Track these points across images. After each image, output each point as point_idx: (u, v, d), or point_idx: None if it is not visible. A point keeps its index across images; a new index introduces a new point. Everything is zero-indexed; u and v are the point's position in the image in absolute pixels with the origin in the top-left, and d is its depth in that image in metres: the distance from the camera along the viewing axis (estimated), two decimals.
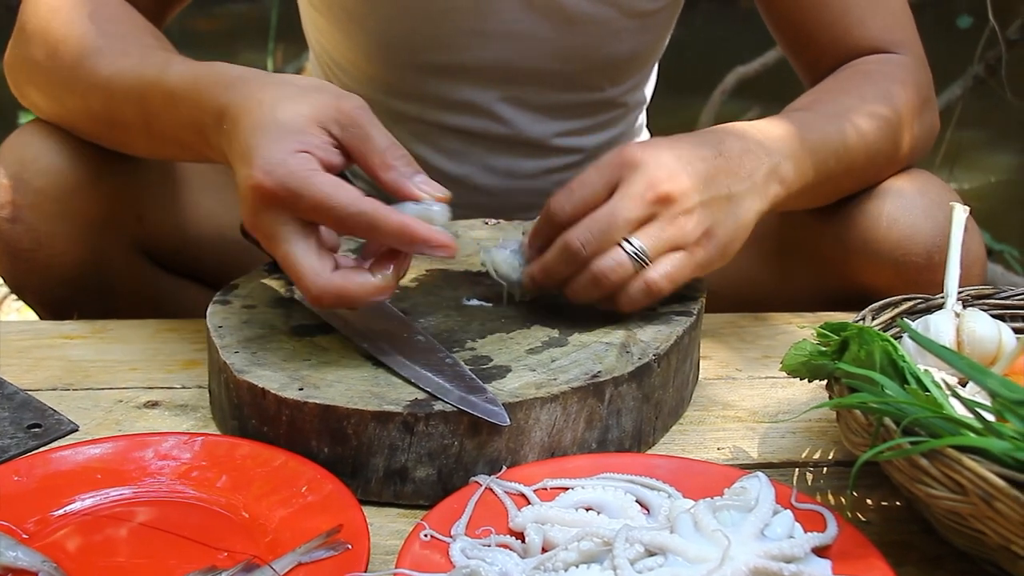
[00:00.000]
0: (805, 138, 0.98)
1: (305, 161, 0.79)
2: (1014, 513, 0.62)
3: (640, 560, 0.67)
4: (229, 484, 0.77)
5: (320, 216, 0.80)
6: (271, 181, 0.79)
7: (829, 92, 1.09)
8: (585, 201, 0.87)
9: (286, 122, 0.81)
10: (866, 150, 1.04)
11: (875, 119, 1.04)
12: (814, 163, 0.98)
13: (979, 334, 0.83)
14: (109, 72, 0.98)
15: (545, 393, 0.79)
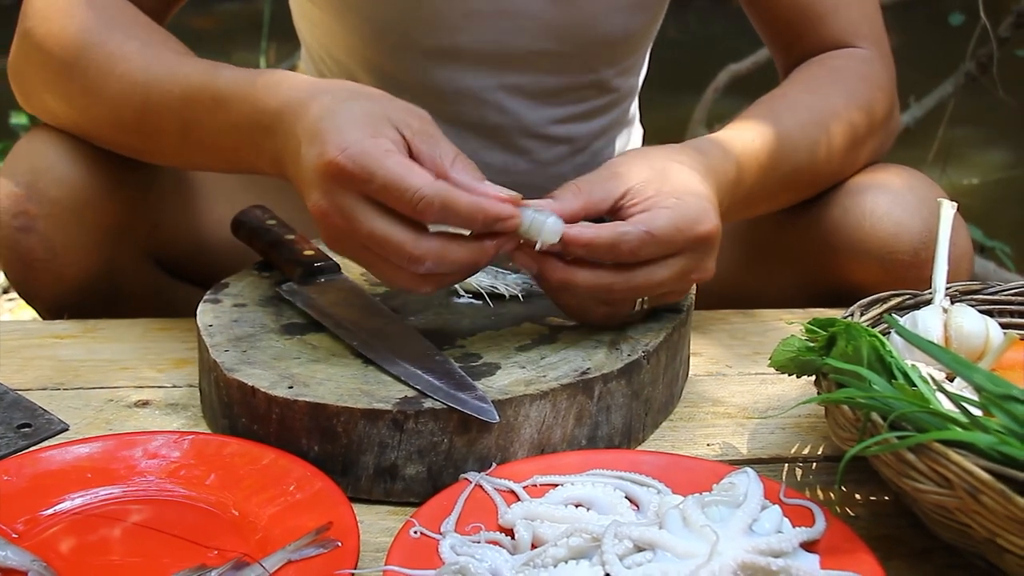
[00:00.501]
0: (754, 145, 0.99)
1: (382, 143, 0.79)
2: (999, 506, 0.63)
3: (629, 556, 0.68)
4: (218, 482, 0.77)
5: (393, 197, 0.78)
6: (346, 158, 0.78)
7: (786, 94, 1.10)
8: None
9: (360, 113, 0.81)
10: (819, 153, 1.05)
11: (833, 120, 1.06)
12: (761, 170, 1.00)
13: (967, 329, 0.84)
14: (145, 79, 0.96)
15: (534, 390, 0.79)
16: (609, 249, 0.82)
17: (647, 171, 0.87)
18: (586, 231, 0.82)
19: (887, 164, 1.15)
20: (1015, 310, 0.92)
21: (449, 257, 0.80)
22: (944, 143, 3.13)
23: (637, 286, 0.84)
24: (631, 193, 0.85)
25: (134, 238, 1.11)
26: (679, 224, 0.83)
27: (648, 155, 0.90)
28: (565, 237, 0.82)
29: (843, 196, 1.09)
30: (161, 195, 1.12)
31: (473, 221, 0.79)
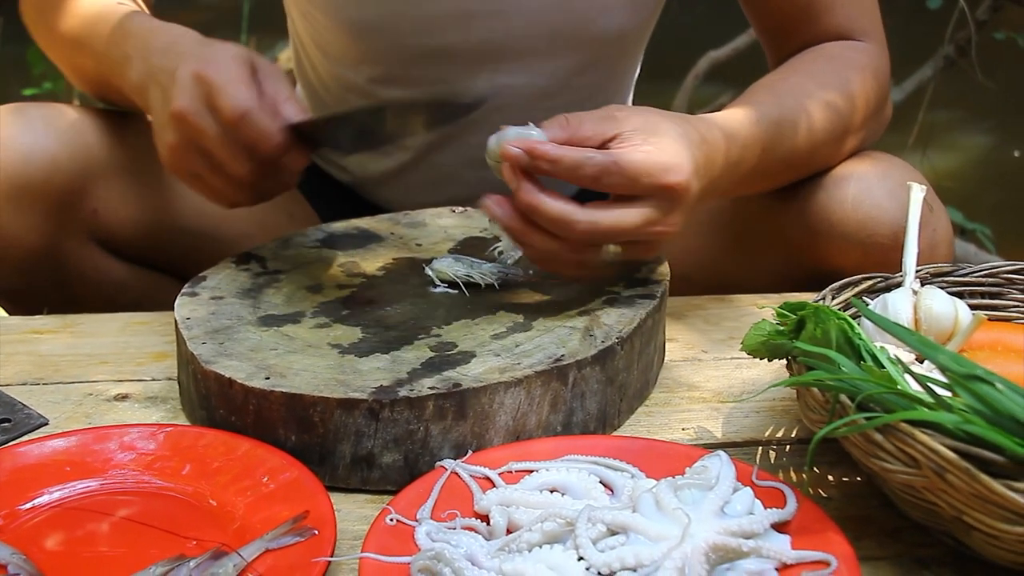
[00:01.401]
0: (759, 127, 1.00)
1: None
2: (965, 485, 0.64)
3: (602, 539, 0.69)
4: (195, 473, 0.78)
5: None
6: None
7: (787, 78, 1.11)
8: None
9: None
10: (815, 136, 1.06)
11: (829, 107, 1.07)
12: (764, 150, 1.00)
13: (936, 311, 0.85)
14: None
15: (509, 377, 0.80)
16: (572, 169, 0.85)
17: (640, 121, 0.88)
18: (555, 148, 0.85)
19: (867, 151, 1.16)
20: (985, 291, 0.93)
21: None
22: (924, 126, 3.14)
23: (599, 224, 0.85)
24: (621, 137, 0.87)
25: (77, 220, 1.13)
26: (648, 167, 0.85)
27: (646, 110, 0.91)
28: (533, 149, 0.85)
29: (824, 181, 1.10)
30: (103, 178, 1.13)
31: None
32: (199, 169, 0.95)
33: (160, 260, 1.20)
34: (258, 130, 0.91)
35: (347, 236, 1.09)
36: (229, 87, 0.91)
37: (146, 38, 1.03)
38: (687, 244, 1.19)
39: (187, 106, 0.91)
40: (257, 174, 0.94)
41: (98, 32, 1.09)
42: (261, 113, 0.91)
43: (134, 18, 1.07)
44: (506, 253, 0.99)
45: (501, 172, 0.87)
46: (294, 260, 1.03)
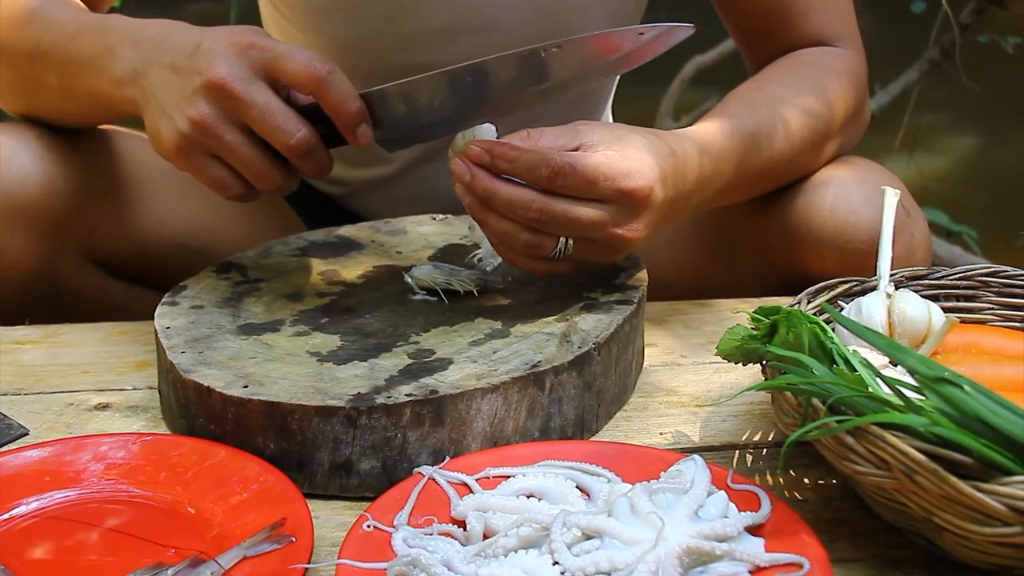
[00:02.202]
0: (732, 139, 1.01)
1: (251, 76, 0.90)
2: (934, 486, 0.64)
3: (577, 544, 0.69)
4: (173, 481, 0.78)
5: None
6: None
7: (762, 87, 1.11)
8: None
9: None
10: (792, 145, 1.07)
11: (806, 115, 1.08)
12: (739, 163, 1.01)
13: (909, 315, 0.85)
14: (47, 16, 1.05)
15: (486, 384, 0.81)
16: (529, 168, 0.85)
17: (605, 133, 0.90)
18: (513, 147, 0.86)
19: (846, 156, 1.17)
20: (960, 294, 0.94)
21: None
22: (910, 130, 3.15)
23: (555, 213, 0.86)
24: (583, 147, 0.88)
25: (73, 241, 1.12)
26: (606, 171, 0.86)
27: (614, 125, 0.93)
28: (493, 149, 0.86)
29: (802, 187, 1.11)
30: (98, 198, 1.12)
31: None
32: (225, 148, 0.89)
33: (156, 278, 1.20)
34: (344, 90, 0.89)
35: (328, 244, 1.09)
36: (298, 52, 0.88)
37: (132, 30, 0.98)
38: (667, 250, 1.20)
39: (229, 73, 0.87)
40: (312, 143, 0.89)
41: (58, 35, 1.03)
42: (343, 75, 0.89)
43: (109, 17, 1.03)
44: (485, 260, 1.00)
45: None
46: (274, 269, 1.03)
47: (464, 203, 0.89)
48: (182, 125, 0.89)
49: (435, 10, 1.18)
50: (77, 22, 1.03)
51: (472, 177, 0.87)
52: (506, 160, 0.86)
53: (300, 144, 0.89)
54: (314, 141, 0.90)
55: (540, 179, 0.86)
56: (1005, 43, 3.19)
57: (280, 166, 0.91)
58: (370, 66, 1.21)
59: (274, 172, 0.91)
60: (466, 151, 0.87)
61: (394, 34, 1.19)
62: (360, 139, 0.91)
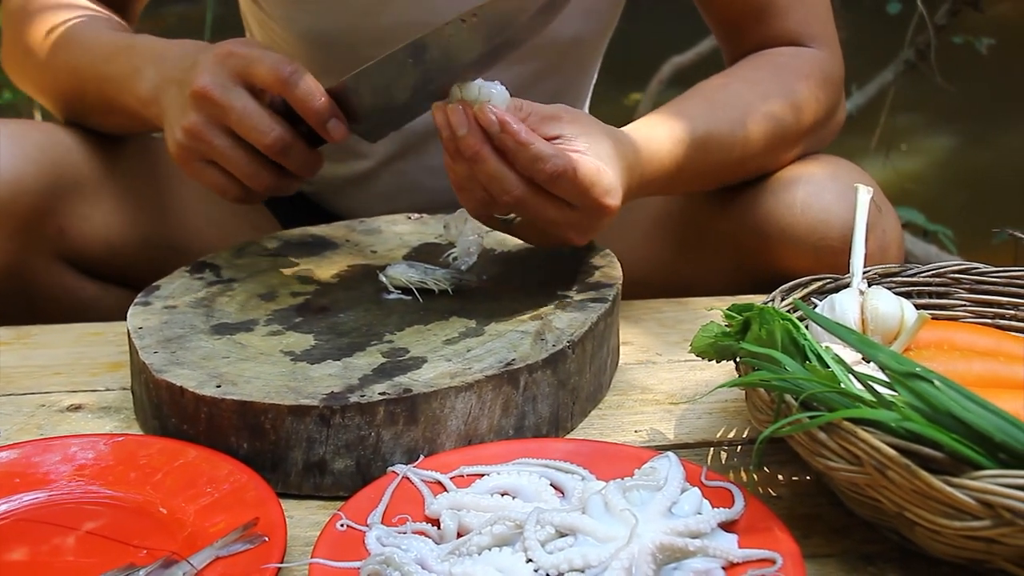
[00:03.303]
0: (682, 146, 1.02)
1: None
2: (905, 481, 0.65)
3: (551, 541, 0.69)
4: (144, 482, 0.78)
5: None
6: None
7: (728, 85, 1.12)
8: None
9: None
10: (747, 149, 1.08)
11: (767, 118, 1.08)
12: (681, 169, 1.03)
13: (882, 311, 0.86)
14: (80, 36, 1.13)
15: (460, 382, 0.81)
16: (532, 159, 0.86)
17: (581, 129, 0.91)
18: (527, 132, 0.87)
19: (817, 154, 1.17)
20: (932, 291, 0.95)
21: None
22: (886, 130, 3.17)
23: (528, 205, 0.88)
24: (564, 138, 0.89)
25: (43, 240, 1.11)
26: (595, 182, 0.88)
27: (587, 119, 0.94)
28: (507, 126, 0.86)
29: (774, 185, 1.11)
30: (68, 197, 1.12)
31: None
32: (216, 153, 0.94)
33: (129, 277, 1.19)
34: (306, 88, 0.92)
35: (302, 244, 1.09)
36: (266, 56, 0.93)
37: (158, 49, 1.04)
38: (641, 249, 1.20)
39: (211, 82, 0.92)
40: (288, 142, 0.93)
41: (95, 57, 1.10)
42: (307, 74, 0.93)
43: (139, 36, 1.10)
44: (460, 259, 0.99)
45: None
46: (248, 268, 1.03)
47: (440, 136, 0.89)
48: (178, 134, 0.95)
49: (410, 4, 1.18)
50: (110, 44, 1.10)
51: (468, 133, 0.87)
52: (515, 141, 0.86)
53: (276, 143, 0.92)
54: (289, 139, 0.93)
55: (537, 173, 0.87)
56: (979, 44, 3.21)
57: (268, 166, 0.95)
58: (345, 60, 1.20)
59: (262, 172, 0.95)
60: (480, 111, 0.86)
61: (369, 28, 1.19)
62: (332, 134, 0.95)
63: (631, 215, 1.22)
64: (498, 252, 1.05)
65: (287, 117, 0.94)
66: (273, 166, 0.95)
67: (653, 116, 1.04)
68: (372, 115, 0.96)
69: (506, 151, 0.87)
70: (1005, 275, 0.94)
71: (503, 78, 1.24)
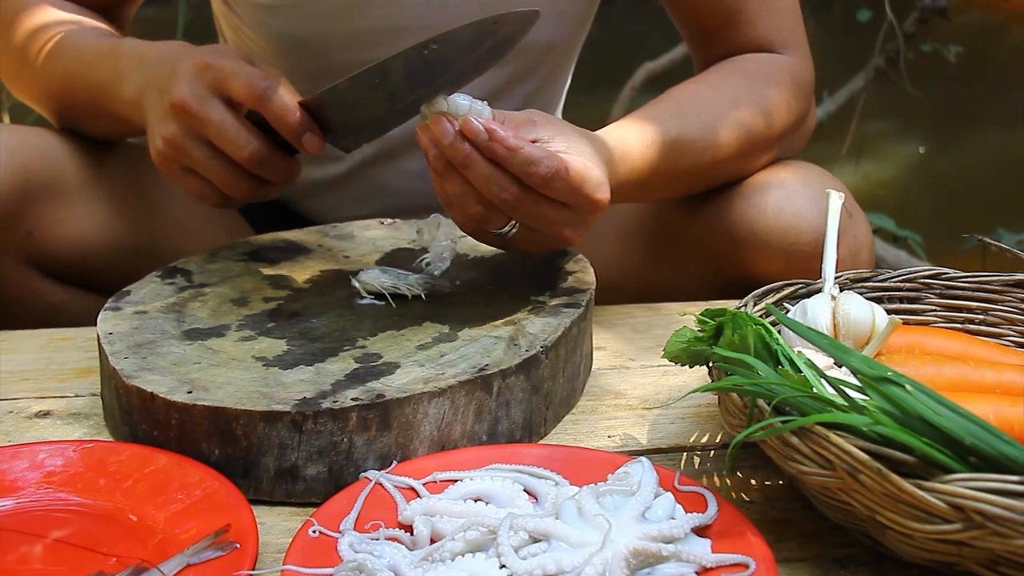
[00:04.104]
0: (651, 150, 1.03)
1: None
2: (876, 485, 0.65)
3: (524, 547, 0.69)
4: (114, 489, 0.77)
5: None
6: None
7: (698, 92, 1.12)
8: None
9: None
10: (717, 155, 1.09)
11: (737, 125, 1.09)
12: (654, 172, 1.03)
13: (853, 316, 0.86)
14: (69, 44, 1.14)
15: (432, 388, 0.80)
16: (524, 163, 0.86)
17: (557, 131, 0.91)
18: (515, 137, 0.87)
19: (788, 160, 1.18)
20: (903, 296, 0.95)
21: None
22: (857, 137, 3.20)
23: (525, 203, 0.88)
24: (541, 141, 0.89)
25: (11, 243, 1.11)
26: (587, 179, 0.89)
27: (560, 123, 0.94)
28: (494, 133, 0.86)
29: (746, 190, 1.12)
30: (37, 200, 1.11)
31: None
32: (195, 162, 0.96)
33: (98, 281, 1.18)
34: (281, 103, 0.93)
35: (274, 248, 1.08)
36: (242, 69, 0.94)
37: (141, 52, 1.05)
38: (614, 254, 1.21)
39: (188, 94, 0.94)
40: (263, 154, 0.95)
41: (83, 64, 1.11)
42: (282, 88, 0.94)
43: (124, 40, 1.11)
44: (433, 264, 0.99)
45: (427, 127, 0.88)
46: (220, 273, 1.02)
47: (427, 156, 0.88)
48: (159, 143, 0.97)
49: (383, 9, 1.18)
50: (96, 50, 1.11)
51: (456, 140, 0.87)
52: (505, 147, 0.86)
53: (252, 156, 0.94)
54: (266, 152, 0.95)
55: (530, 177, 0.87)
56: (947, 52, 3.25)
57: (246, 176, 0.97)
58: (317, 64, 1.21)
59: (241, 182, 0.97)
60: (466, 123, 0.86)
61: (341, 32, 1.18)
62: (307, 147, 0.96)
63: (604, 221, 1.22)
64: (471, 257, 1.04)
65: (264, 127, 0.96)
66: (251, 175, 0.97)
67: (624, 121, 1.05)
68: (346, 129, 0.97)
69: (497, 158, 0.87)
70: (974, 280, 0.95)
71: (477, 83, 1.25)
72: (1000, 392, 0.81)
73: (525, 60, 1.25)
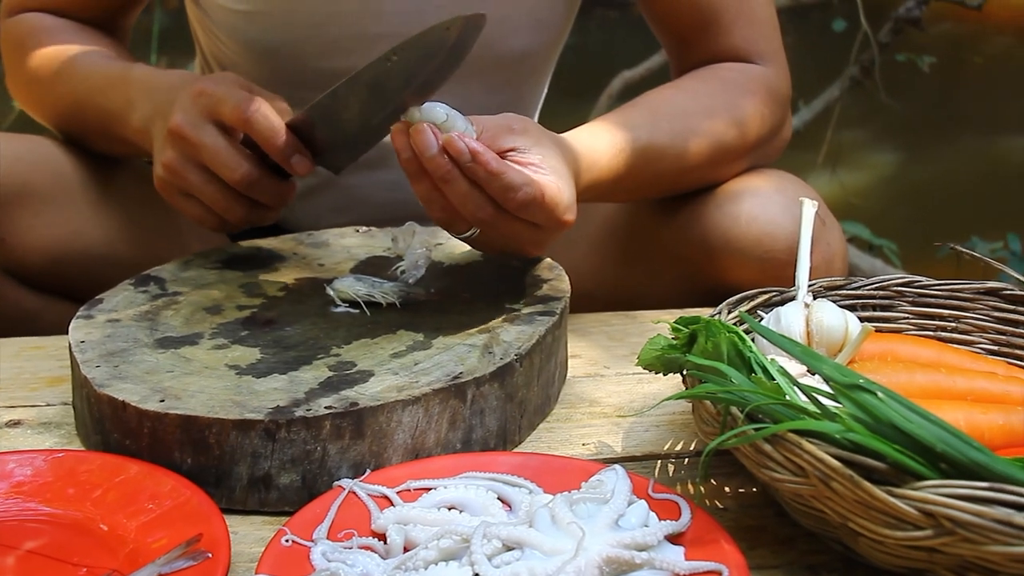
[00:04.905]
0: (623, 155, 1.04)
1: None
2: (849, 492, 0.65)
3: (498, 555, 0.69)
4: (84, 498, 0.76)
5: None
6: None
7: (672, 98, 1.13)
8: None
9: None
10: (686, 162, 1.09)
11: (709, 133, 1.10)
12: (619, 177, 1.04)
13: (826, 324, 0.86)
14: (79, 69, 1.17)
15: (406, 396, 0.80)
16: (503, 189, 0.87)
17: (533, 141, 0.92)
18: (497, 160, 0.87)
19: (762, 168, 1.18)
20: (876, 303, 0.96)
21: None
22: (833, 146, 3.22)
23: (498, 224, 0.90)
24: (518, 151, 0.90)
25: None
26: (559, 202, 0.90)
27: (537, 130, 0.95)
28: (478, 156, 0.86)
29: (720, 197, 1.12)
30: (9, 207, 1.10)
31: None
32: (192, 187, 0.99)
33: (72, 289, 1.17)
34: (266, 126, 0.96)
35: (249, 257, 1.08)
36: (231, 95, 0.97)
37: (149, 81, 1.09)
38: (588, 261, 1.21)
39: (184, 120, 0.97)
40: (255, 177, 0.97)
41: (92, 88, 1.14)
42: (267, 112, 0.96)
43: (132, 67, 1.14)
44: (408, 272, 0.99)
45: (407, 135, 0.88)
46: (194, 281, 1.02)
47: (399, 157, 0.89)
48: (158, 169, 1.01)
49: (358, 17, 1.17)
50: (106, 76, 1.14)
51: (438, 154, 0.87)
52: (486, 172, 0.87)
53: (243, 179, 0.97)
54: (257, 174, 0.97)
55: (508, 202, 0.88)
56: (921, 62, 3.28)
57: (241, 199, 0.99)
58: (291, 72, 1.20)
59: (235, 204, 0.99)
60: (449, 142, 0.86)
61: (316, 40, 1.18)
62: (296, 169, 0.98)
63: (578, 229, 1.22)
64: (446, 265, 1.04)
65: (258, 150, 0.98)
66: (245, 198, 0.99)
67: (596, 124, 1.05)
68: (332, 147, 0.99)
69: (476, 179, 0.87)
70: (947, 288, 0.96)
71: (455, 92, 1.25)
72: (972, 399, 0.82)
73: (502, 69, 1.25)
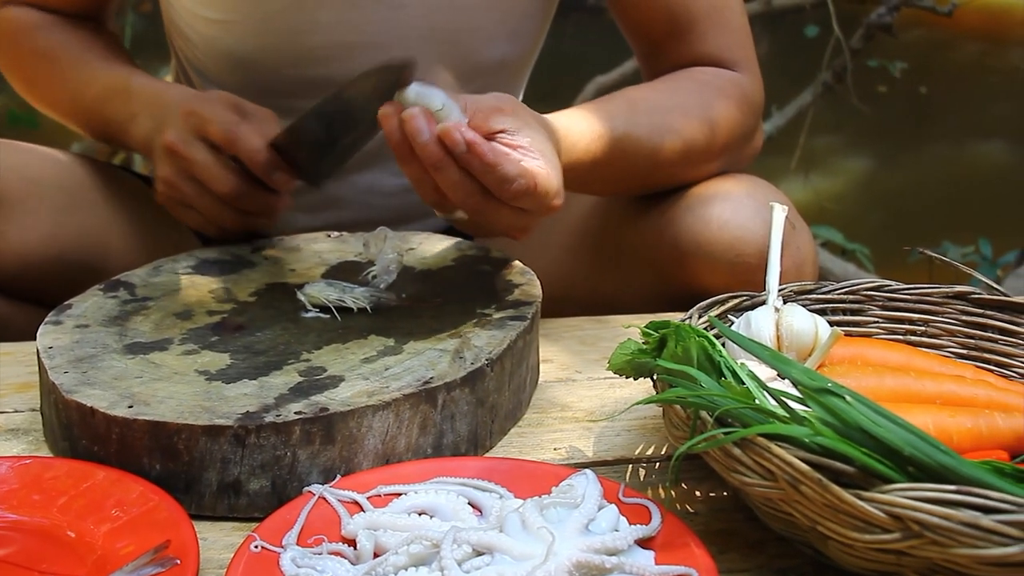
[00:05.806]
0: (600, 141, 1.04)
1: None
2: (817, 495, 0.66)
3: (468, 560, 0.69)
4: (50, 504, 0.75)
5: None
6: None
7: (648, 96, 1.13)
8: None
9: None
10: (659, 158, 1.10)
11: (683, 132, 1.10)
12: (595, 165, 1.05)
13: (796, 328, 0.87)
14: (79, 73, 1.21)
15: (377, 401, 0.80)
16: (500, 181, 0.87)
17: (522, 123, 0.92)
18: (493, 151, 0.87)
19: (733, 173, 1.18)
20: (847, 308, 0.96)
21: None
22: (805, 151, 3.23)
23: (487, 210, 0.90)
24: (507, 132, 0.90)
25: None
26: (549, 190, 0.90)
27: (524, 111, 0.95)
28: (474, 146, 0.86)
29: (691, 201, 1.12)
30: None
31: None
32: (189, 198, 1.06)
33: (43, 295, 1.16)
34: (247, 146, 1.02)
35: (220, 262, 1.07)
36: (217, 115, 1.04)
37: (152, 96, 1.13)
38: (560, 266, 1.21)
39: (176, 137, 1.04)
40: (242, 190, 1.04)
41: (94, 97, 1.19)
42: (249, 132, 1.03)
43: (133, 76, 1.17)
44: (379, 278, 0.99)
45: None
46: (164, 287, 1.01)
47: (389, 140, 0.88)
48: (158, 183, 1.08)
49: (335, 26, 1.17)
50: (106, 85, 1.18)
51: (429, 142, 0.87)
52: (482, 161, 0.86)
53: (231, 191, 1.04)
54: (243, 187, 1.04)
55: (502, 192, 0.88)
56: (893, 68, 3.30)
57: (232, 209, 1.06)
58: (266, 80, 1.20)
59: (227, 214, 1.06)
60: (445, 133, 0.86)
61: (293, 49, 1.18)
62: (279, 185, 1.05)
63: (551, 233, 1.22)
64: (418, 270, 1.04)
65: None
66: (236, 208, 1.06)
67: (576, 109, 1.06)
68: (309, 164, 1.05)
69: (471, 169, 0.87)
70: (916, 292, 0.96)
71: None
72: (940, 403, 0.82)
73: (478, 78, 1.25)
